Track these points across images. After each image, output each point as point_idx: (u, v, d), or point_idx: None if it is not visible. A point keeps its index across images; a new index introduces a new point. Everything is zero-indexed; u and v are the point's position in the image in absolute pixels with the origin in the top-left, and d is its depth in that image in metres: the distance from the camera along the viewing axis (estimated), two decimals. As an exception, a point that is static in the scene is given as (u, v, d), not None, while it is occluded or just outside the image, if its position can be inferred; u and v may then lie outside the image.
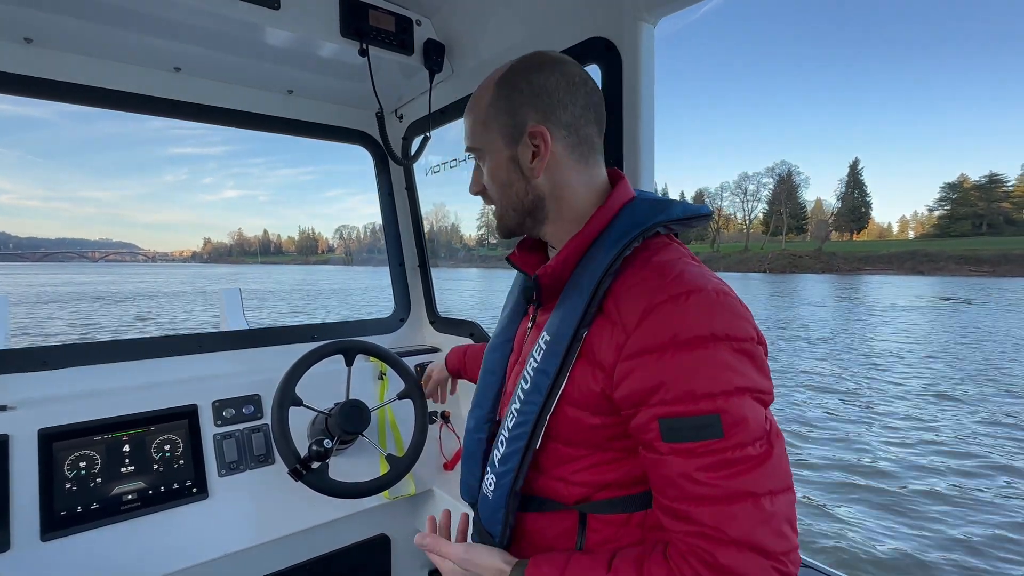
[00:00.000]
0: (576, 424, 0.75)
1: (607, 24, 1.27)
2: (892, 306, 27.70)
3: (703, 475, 0.61)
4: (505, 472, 0.80)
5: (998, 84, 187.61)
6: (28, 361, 1.48)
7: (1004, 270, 62.49)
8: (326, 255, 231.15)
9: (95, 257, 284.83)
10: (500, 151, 0.82)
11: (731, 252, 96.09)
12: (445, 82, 1.79)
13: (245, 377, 1.72)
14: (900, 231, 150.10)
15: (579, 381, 0.73)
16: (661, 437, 0.64)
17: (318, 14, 1.49)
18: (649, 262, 0.73)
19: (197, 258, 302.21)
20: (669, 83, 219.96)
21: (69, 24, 1.37)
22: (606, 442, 0.75)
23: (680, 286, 0.66)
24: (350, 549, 1.77)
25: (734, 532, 0.59)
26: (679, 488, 0.63)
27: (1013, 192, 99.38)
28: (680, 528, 0.63)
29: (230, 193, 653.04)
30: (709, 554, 0.60)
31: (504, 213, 0.86)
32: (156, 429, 1.49)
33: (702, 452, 0.61)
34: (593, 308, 0.73)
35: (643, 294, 0.68)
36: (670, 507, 0.65)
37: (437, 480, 1.86)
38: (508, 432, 0.81)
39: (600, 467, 0.76)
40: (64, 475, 1.33)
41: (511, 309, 1.03)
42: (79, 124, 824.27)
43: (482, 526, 0.87)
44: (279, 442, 1.39)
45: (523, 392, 0.79)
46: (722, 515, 0.60)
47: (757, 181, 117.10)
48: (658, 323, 0.65)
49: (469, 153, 0.89)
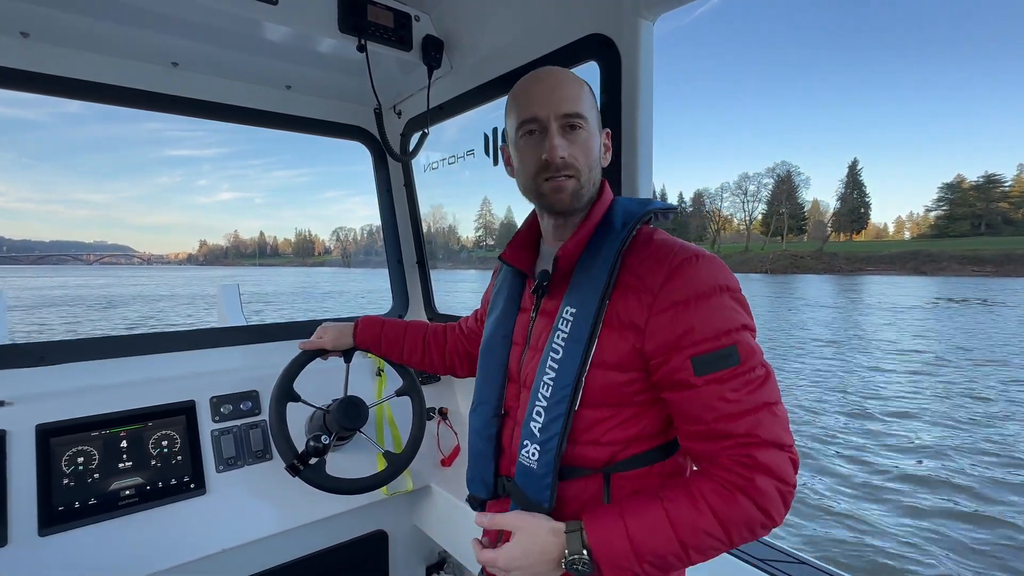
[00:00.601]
0: (607, 384, 0.84)
1: (606, 21, 1.27)
2: (914, 307, 27.48)
3: (733, 395, 0.75)
4: (550, 439, 0.86)
5: (993, 86, 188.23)
6: (26, 357, 1.48)
7: (1007, 270, 62.32)
8: (323, 257, 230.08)
9: (90, 260, 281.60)
10: (597, 131, 0.93)
11: (732, 253, 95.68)
12: (444, 78, 1.79)
13: (243, 373, 1.72)
14: (896, 232, 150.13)
15: (607, 345, 0.84)
16: (695, 372, 0.76)
17: (316, 9, 1.49)
18: (652, 240, 0.87)
19: (193, 260, 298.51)
20: (668, 83, 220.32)
21: (66, 19, 1.36)
22: (630, 397, 0.85)
23: (687, 252, 0.82)
24: (348, 545, 1.77)
25: (764, 434, 0.74)
26: (716, 410, 0.75)
27: (1011, 192, 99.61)
28: (718, 445, 0.76)
29: (226, 195, 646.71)
30: (748, 456, 0.73)
31: (587, 185, 0.91)
32: (154, 425, 1.49)
33: (728, 378, 0.75)
34: (613, 279, 0.84)
35: (660, 261, 0.82)
36: (708, 430, 0.77)
37: (435, 476, 1.86)
38: (544, 400, 0.87)
39: (626, 423, 0.86)
40: (62, 471, 1.33)
41: (502, 310, 1.06)
42: (73, 126, 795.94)
43: (525, 497, 0.90)
44: (276, 437, 1.39)
45: (555, 362, 0.86)
46: (752, 423, 0.74)
47: (758, 181, 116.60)
48: (680, 282, 0.79)
49: (569, 119, 0.89)
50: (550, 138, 0.88)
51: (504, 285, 1.09)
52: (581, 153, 0.89)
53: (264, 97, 1.87)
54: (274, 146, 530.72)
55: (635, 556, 0.74)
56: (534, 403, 0.88)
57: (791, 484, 0.75)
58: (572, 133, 0.89)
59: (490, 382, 1.03)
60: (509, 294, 1.06)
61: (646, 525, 0.75)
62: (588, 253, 0.90)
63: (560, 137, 0.88)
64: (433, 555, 2.07)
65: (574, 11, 1.33)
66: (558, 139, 0.87)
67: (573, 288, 0.89)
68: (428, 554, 2.05)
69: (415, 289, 2.33)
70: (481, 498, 1.04)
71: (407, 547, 1.96)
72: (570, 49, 1.37)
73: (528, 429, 0.89)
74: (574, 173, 0.89)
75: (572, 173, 0.89)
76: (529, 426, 0.88)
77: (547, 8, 1.41)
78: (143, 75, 1.63)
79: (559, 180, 0.89)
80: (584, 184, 0.90)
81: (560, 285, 0.93)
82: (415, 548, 2.00)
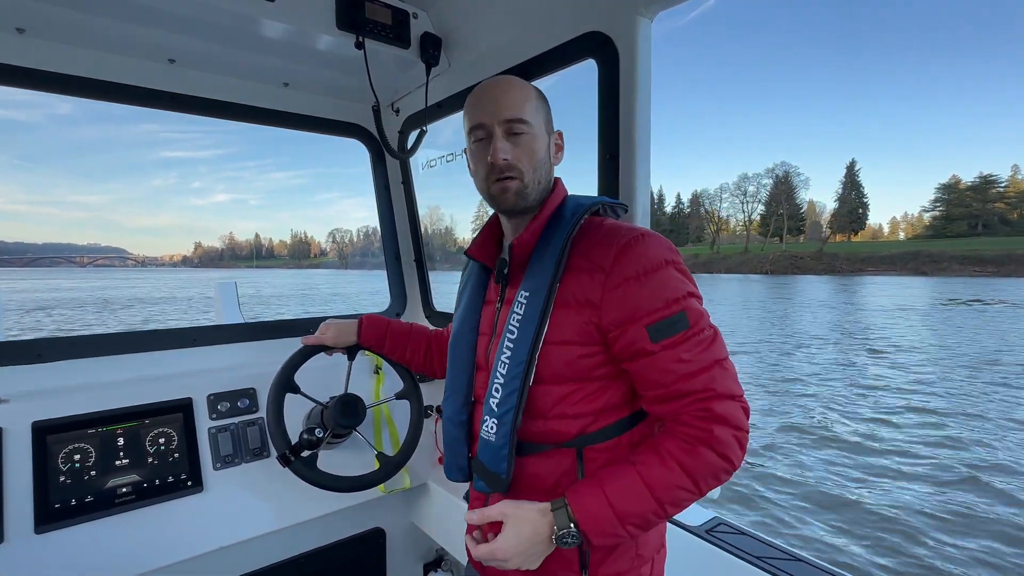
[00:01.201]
0: (565, 357, 0.90)
1: (604, 18, 1.26)
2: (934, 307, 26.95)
3: (687, 355, 0.82)
4: (506, 412, 0.92)
5: (988, 87, 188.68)
6: (23, 354, 1.47)
7: (1008, 270, 62.28)
8: (319, 259, 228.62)
9: (83, 262, 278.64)
10: (543, 134, 0.99)
11: (731, 254, 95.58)
12: (442, 76, 1.78)
13: (241, 371, 1.71)
14: (891, 232, 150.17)
15: (562, 322, 0.90)
16: (651, 340, 0.83)
17: (314, 6, 1.49)
18: (602, 226, 0.95)
19: (188, 262, 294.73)
20: (668, 83, 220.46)
21: (62, 14, 1.36)
22: (591, 371, 0.91)
23: (633, 232, 0.90)
24: (345, 542, 1.77)
25: (718, 387, 0.82)
26: (672, 372, 0.82)
27: (1007, 192, 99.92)
28: (678, 405, 0.83)
29: (221, 197, 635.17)
30: (705, 410, 0.81)
31: (532, 185, 0.97)
32: (151, 422, 1.48)
33: (680, 341, 0.83)
34: (563, 264, 0.91)
35: (608, 242, 0.89)
36: (667, 392, 0.83)
37: (432, 474, 1.86)
38: (502, 378, 0.93)
39: (592, 396, 0.92)
40: (58, 468, 1.33)
41: (467, 302, 1.12)
42: (67, 127, 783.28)
43: (486, 469, 0.96)
44: (272, 425, 1.39)
45: (511, 342, 0.92)
46: (707, 379, 0.82)
47: (757, 182, 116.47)
48: (628, 259, 0.86)
49: (511, 125, 0.95)
50: (494, 142, 0.95)
51: (470, 280, 1.15)
52: (525, 155, 0.95)
53: (262, 94, 1.86)
54: (269, 148, 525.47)
55: (618, 520, 0.80)
56: (493, 381, 0.95)
57: (745, 430, 0.83)
58: (515, 137, 0.95)
59: (459, 371, 1.09)
60: (474, 287, 1.12)
61: (623, 490, 0.81)
62: (541, 243, 0.96)
63: (503, 140, 0.95)
64: (431, 552, 2.07)
65: (572, 8, 1.33)
66: (501, 143, 0.94)
67: (527, 275, 0.95)
68: (425, 551, 2.05)
69: (413, 287, 2.33)
70: (459, 483, 1.11)
71: (404, 544, 1.96)
72: (568, 47, 1.37)
73: (488, 406, 0.95)
74: (517, 175, 0.96)
75: (515, 175, 0.95)
76: (489, 403, 0.95)
77: (545, 6, 1.41)
78: (140, 72, 1.62)
79: (504, 181, 0.96)
80: (528, 184, 0.96)
81: (518, 275, 0.99)
82: (412, 545, 2.00)
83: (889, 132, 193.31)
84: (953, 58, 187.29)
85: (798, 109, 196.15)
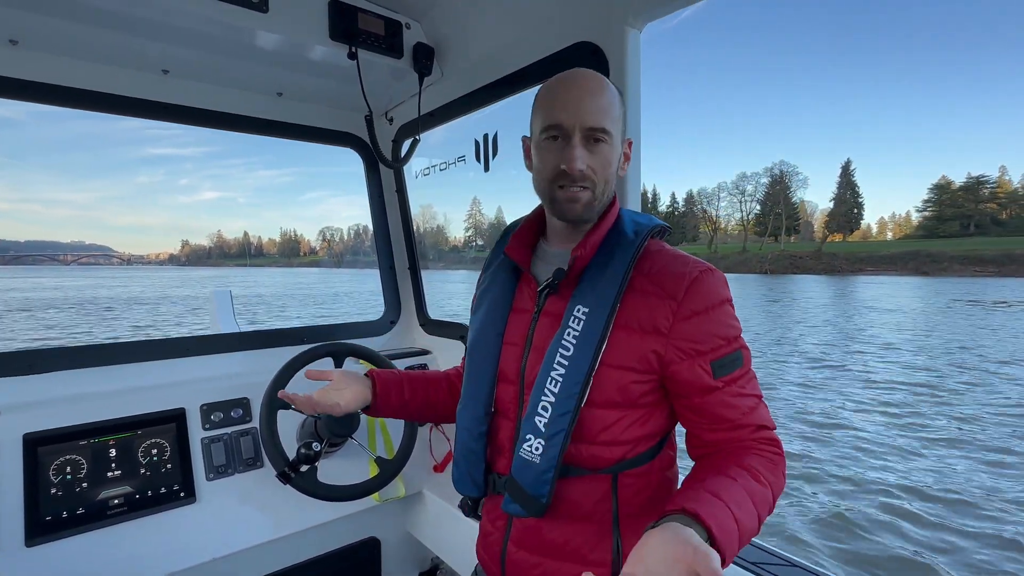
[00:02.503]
0: (618, 382, 0.88)
1: (594, 29, 1.28)
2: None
3: (743, 390, 0.87)
4: (556, 434, 0.88)
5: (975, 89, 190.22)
6: (14, 365, 1.47)
7: (1010, 270, 62.09)
8: (311, 257, 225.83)
9: (67, 260, 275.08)
10: (618, 146, 0.94)
11: (729, 253, 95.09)
12: (434, 85, 1.79)
13: (234, 380, 1.71)
14: (879, 233, 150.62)
15: (620, 345, 0.87)
16: (713, 375, 0.85)
17: (307, 17, 1.49)
18: (664, 251, 0.94)
19: (174, 261, 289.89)
20: (668, 84, 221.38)
21: (55, 26, 1.36)
22: (640, 398, 0.90)
23: (701, 266, 0.89)
24: (340, 552, 1.77)
25: (766, 422, 0.87)
26: (735, 408, 0.86)
27: (998, 192, 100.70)
28: (740, 434, 0.86)
29: (208, 195, 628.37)
30: (770, 440, 0.86)
31: (600, 198, 0.93)
32: (143, 433, 1.48)
33: (737, 377, 0.86)
34: (626, 284, 0.89)
35: (680, 272, 0.88)
36: (731, 424, 0.86)
37: (427, 482, 1.86)
38: (552, 396, 0.88)
39: (636, 424, 0.91)
40: (49, 480, 1.32)
41: (491, 307, 1.04)
42: (50, 124, 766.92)
43: (523, 491, 0.90)
44: (267, 445, 1.39)
45: (565, 359, 0.88)
46: (758, 415, 0.87)
47: (755, 181, 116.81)
48: (698, 293, 0.86)
49: (593, 133, 0.89)
50: (572, 148, 0.88)
51: (495, 281, 1.07)
52: (600, 166, 0.90)
53: (255, 104, 1.87)
54: (256, 146, 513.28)
55: (739, 534, 0.71)
56: (539, 399, 0.89)
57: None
58: (594, 146, 0.89)
59: (480, 380, 1.02)
60: (501, 291, 1.04)
61: (738, 502, 0.74)
62: (600, 257, 0.93)
63: (582, 148, 0.88)
64: (426, 561, 2.07)
65: (563, 19, 1.35)
66: (580, 150, 0.88)
67: (585, 289, 0.91)
68: (421, 560, 2.05)
69: (407, 295, 2.33)
70: (472, 497, 1.04)
71: (399, 554, 1.96)
72: (559, 56, 1.38)
73: (532, 424, 0.89)
74: (590, 185, 0.90)
75: (588, 185, 0.90)
76: (533, 421, 0.89)
77: (536, 16, 1.42)
78: (133, 82, 1.62)
79: (574, 191, 0.90)
80: (598, 196, 0.92)
81: (565, 287, 0.95)
82: (408, 555, 2.00)
83: (878, 132, 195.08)
84: (931, 59, 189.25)
85: (796, 108, 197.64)
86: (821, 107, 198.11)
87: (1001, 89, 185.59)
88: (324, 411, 1.14)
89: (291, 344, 1.97)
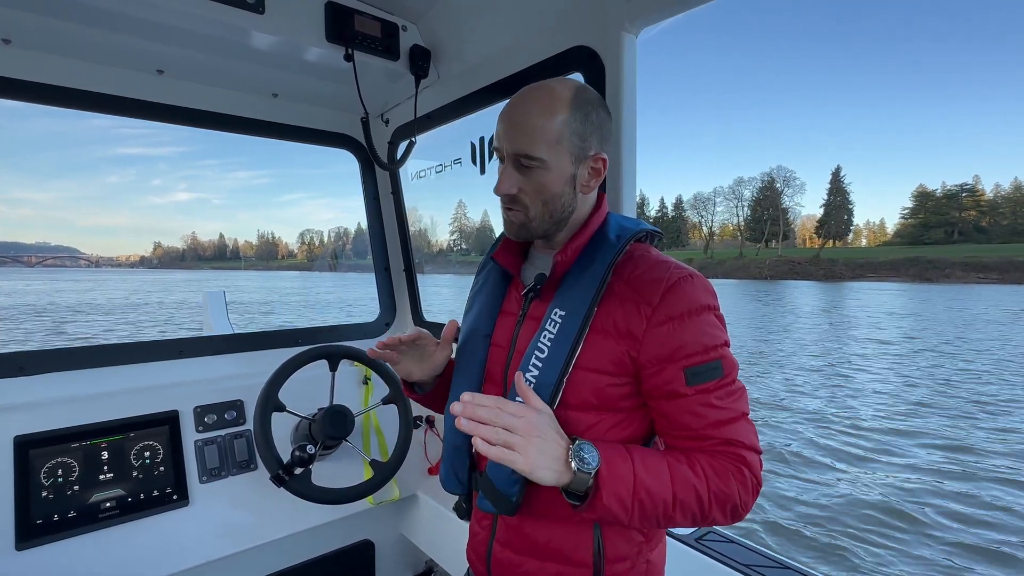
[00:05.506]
0: (594, 385, 0.88)
1: (590, 33, 1.29)
2: None
3: (719, 402, 0.82)
4: None
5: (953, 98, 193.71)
6: (5, 366, 1.45)
7: (1013, 277, 62.48)
8: (290, 260, 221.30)
9: (31, 262, 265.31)
10: (564, 168, 0.90)
11: (726, 259, 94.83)
12: (431, 87, 1.80)
13: (227, 382, 1.70)
14: (854, 240, 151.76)
15: (595, 348, 0.87)
16: (686, 383, 0.82)
17: (303, 19, 1.50)
18: (647, 256, 0.91)
19: (146, 263, 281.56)
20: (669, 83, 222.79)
21: (49, 25, 1.35)
22: (618, 401, 0.89)
23: (682, 271, 0.87)
24: (334, 555, 1.76)
25: (744, 439, 0.82)
26: (703, 417, 0.82)
27: (979, 200, 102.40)
28: (706, 443, 0.83)
29: (182, 196, 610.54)
30: (736, 454, 0.82)
31: (539, 219, 0.93)
32: (136, 435, 1.46)
33: (714, 388, 0.82)
34: (603, 288, 0.88)
35: (658, 277, 0.86)
36: (695, 434, 0.83)
37: (421, 485, 1.85)
38: None
39: (616, 427, 0.89)
40: (40, 483, 1.30)
41: (482, 308, 1.07)
42: (13, 121, 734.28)
43: (494, 489, 0.91)
44: (261, 448, 1.38)
45: (539, 361, 0.89)
46: (735, 429, 0.82)
47: (753, 186, 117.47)
48: (675, 298, 0.84)
49: (521, 159, 0.88)
50: (501, 172, 0.92)
51: (487, 284, 1.10)
52: (533, 190, 0.90)
53: (250, 105, 1.86)
54: (232, 146, 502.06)
55: (633, 486, 0.76)
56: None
57: (760, 484, 0.84)
58: (525, 170, 0.90)
59: (467, 380, 1.04)
60: (491, 294, 1.07)
61: (651, 466, 0.78)
62: (581, 262, 0.93)
63: (512, 170, 0.90)
64: (420, 564, 2.06)
65: (559, 23, 1.36)
66: (507, 174, 0.91)
67: (563, 292, 0.92)
68: (415, 563, 2.04)
69: (403, 296, 2.33)
70: (457, 494, 1.06)
71: (393, 556, 1.95)
72: (555, 60, 1.39)
73: None
74: (521, 208, 0.92)
75: (519, 208, 0.92)
76: None
77: (533, 20, 1.44)
78: (127, 82, 1.61)
79: (508, 212, 0.94)
80: (533, 218, 0.92)
81: (550, 292, 0.95)
82: (401, 557, 1.99)
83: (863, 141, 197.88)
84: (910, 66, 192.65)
85: (785, 115, 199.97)
86: (815, 111, 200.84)
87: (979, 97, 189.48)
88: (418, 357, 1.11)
89: (285, 346, 1.96)
